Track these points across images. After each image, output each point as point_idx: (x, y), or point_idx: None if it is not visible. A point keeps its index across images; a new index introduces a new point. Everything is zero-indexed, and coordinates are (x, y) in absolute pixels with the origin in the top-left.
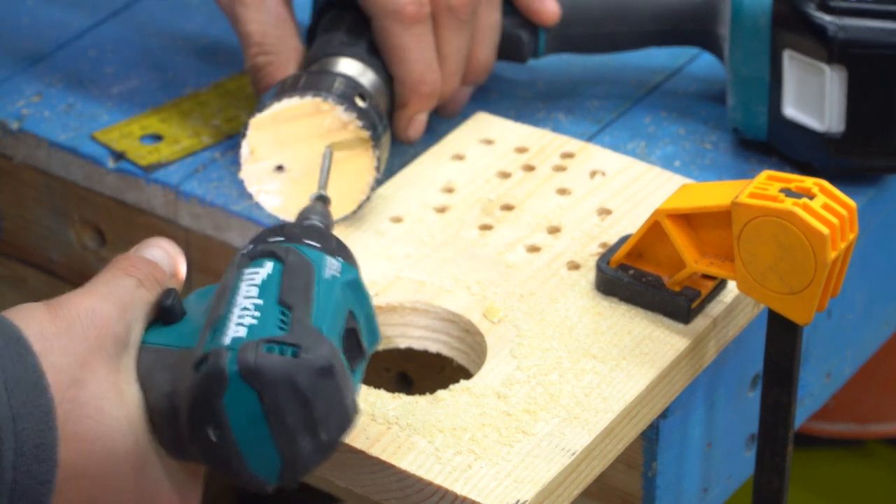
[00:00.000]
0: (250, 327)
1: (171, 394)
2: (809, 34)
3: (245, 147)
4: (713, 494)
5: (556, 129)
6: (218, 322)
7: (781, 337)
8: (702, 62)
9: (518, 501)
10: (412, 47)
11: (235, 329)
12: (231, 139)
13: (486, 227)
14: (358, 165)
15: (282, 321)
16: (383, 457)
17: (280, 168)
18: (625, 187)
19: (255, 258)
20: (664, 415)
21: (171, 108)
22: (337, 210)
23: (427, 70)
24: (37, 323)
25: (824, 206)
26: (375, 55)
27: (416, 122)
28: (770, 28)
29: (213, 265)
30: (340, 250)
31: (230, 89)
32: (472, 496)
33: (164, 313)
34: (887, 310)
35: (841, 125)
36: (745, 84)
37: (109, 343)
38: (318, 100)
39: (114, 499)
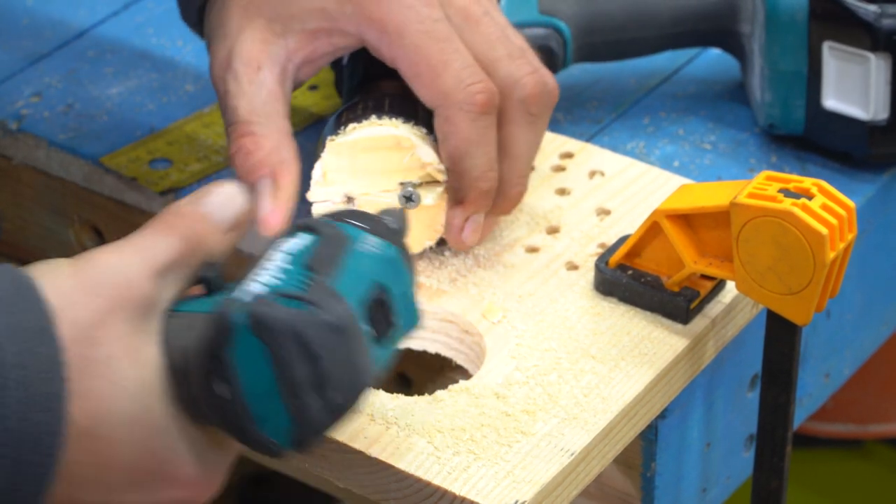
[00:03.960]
0: (269, 285)
1: (184, 349)
2: (852, 24)
3: (318, 169)
4: (712, 495)
5: (555, 129)
6: (242, 282)
7: (780, 337)
8: (701, 63)
9: (517, 502)
10: (479, 140)
11: (254, 286)
12: None
13: None
14: (431, 208)
15: (302, 283)
16: (382, 457)
17: (349, 200)
18: (624, 188)
19: (293, 231)
20: (663, 415)
21: (176, 130)
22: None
23: (490, 166)
24: (57, 277)
25: (823, 206)
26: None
27: (474, 224)
28: (807, 22)
29: None
30: (388, 234)
31: None
32: (471, 496)
33: (204, 284)
34: (886, 310)
35: (885, 112)
36: (782, 79)
37: (133, 303)
38: (406, 127)
39: (127, 462)
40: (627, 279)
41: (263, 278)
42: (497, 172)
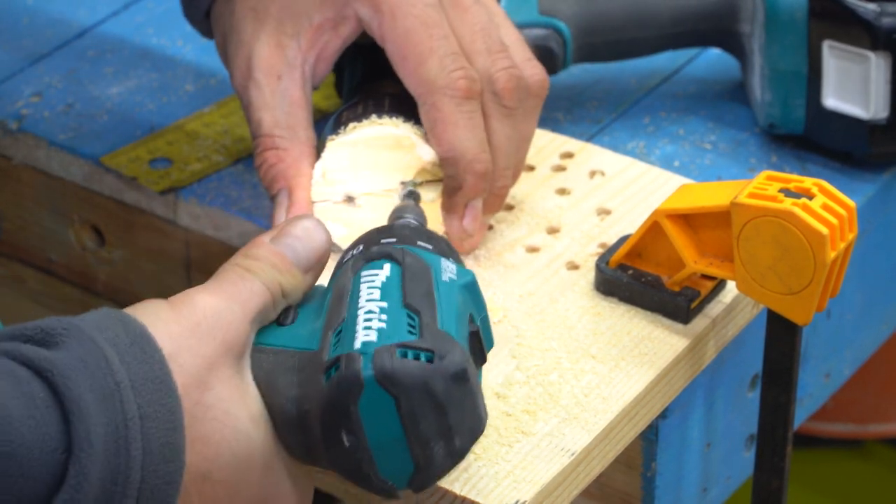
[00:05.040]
0: (379, 331)
1: (298, 398)
2: (851, 23)
3: (318, 168)
4: (712, 495)
5: (556, 129)
6: (343, 325)
7: (781, 337)
8: (700, 63)
9: (517, 502)
10: (465, 124)
11: (364, 333)
12: (242, 161)
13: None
14: (433, 206)
15: (410, 325)
16: None
17: (349, 199)
18: (624, 187)
19: (371, 260)
20: (663, 415)
21: (176, 130)
22: None
23: (482, 149)
24: (163, 323)
25: (823, 206)
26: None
27: (473, 210)
28: (807, 21)
29: (212, 265)
30: (451, 251)
31: (234, 109)
32: (472, 496)
33: (278, 317)
34: (886, 310)
35: (886, 111)
36: (782, 79)
37: (233, 345)
38: (406, 126)
39: (234, 499)
40: (628, 279)
41: (367, 322)
42: (490, 157)
